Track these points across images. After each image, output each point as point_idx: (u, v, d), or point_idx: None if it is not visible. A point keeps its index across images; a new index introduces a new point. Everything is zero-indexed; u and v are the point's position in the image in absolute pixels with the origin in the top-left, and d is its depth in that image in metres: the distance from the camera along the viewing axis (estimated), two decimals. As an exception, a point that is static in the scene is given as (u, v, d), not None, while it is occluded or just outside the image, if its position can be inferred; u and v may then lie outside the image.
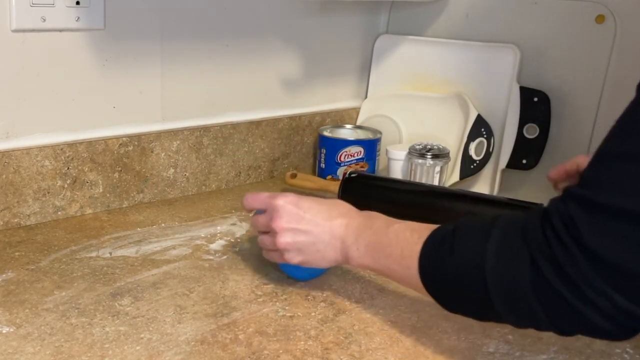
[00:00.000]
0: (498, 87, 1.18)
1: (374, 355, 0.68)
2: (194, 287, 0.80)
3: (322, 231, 0.75)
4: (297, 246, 0.76)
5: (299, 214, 0.76)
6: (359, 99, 1.38)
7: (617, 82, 1.07)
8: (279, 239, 0.76)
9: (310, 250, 0.76)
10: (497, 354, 0.69)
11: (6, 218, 0.93)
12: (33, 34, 0.91)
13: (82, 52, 0.96)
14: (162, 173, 1.08)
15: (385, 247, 0.70)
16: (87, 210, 1.00)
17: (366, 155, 1.21)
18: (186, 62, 1.08)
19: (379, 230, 0.72)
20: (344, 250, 0.74)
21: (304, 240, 0.76)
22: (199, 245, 0.92)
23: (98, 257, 0.86)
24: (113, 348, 0.66)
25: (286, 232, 0.76)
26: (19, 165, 0.92)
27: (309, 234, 0.75)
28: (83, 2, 0.93)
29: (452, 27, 1.26)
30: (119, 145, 1.01)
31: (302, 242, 0.76)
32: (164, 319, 0.72)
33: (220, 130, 1.14)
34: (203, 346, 0.67)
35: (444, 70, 1.25)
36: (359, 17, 1.33)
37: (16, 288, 0.77)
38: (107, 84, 1.00)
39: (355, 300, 0.79)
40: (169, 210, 1.04)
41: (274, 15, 1.19)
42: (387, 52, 1.34)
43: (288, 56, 1.23)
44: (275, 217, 0.76)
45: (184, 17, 1.06)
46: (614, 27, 1.06)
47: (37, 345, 0.66)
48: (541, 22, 1.15)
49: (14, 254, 0.86)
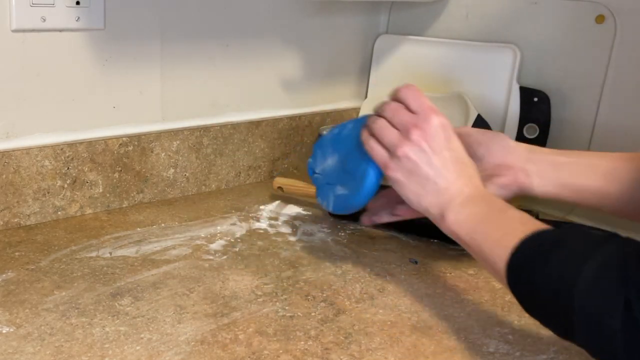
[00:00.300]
0: (498, 87, 1.19)
1: (374, 355, 0.68)
2: (194, 287, 0.80)
3: (443, 176, 0.70)
4: (411, 166, 0.70)
5: (441, 145, 0.70)
6: (359, 99, 1.38)
7: (617, 82, 1.07)
8: (405, 146, 0.70)
9: (417, 180, 0.70)
10: (497, 354, 0.69)
11: (6, 218, 0.93)
12: (33, 34, 0.91)
13: (82, 52, 0.96)
14: (162, 173, 1.08)
15: (487, 226, 0.66)
16: (87, 210, 1.00)
17: (366, 155, 1.21)
18: (186, 62, 1.08)
19: (494, 207, 0.68)
20: (445, 205, 0.69)
21: (424, 167, 0.70)
22: (199, 245, 0.92)
23: (98, 257, 0.86)
24: (113, 348, 0.66)
25: (417, 147, 0.70)
26: (19, 165, 0.92)
27: (431, 168, 0.70)
28: (83, 2, 0.93)
29: (452, 27, 1.27)
30: (119, 145, 1.01)
31: (420, 167, 0.70)
32: (164, 319, 0.72)
33: (220, 130, 1.14)
34: (203, 346, 0.67)
35: (444, 70, 1.25)
36: (359, 17, 1.33)
37: (16, 288, 0.77)
38: (107, 84, 1.00)
39: (355, 300, 0.79)
40: (169, 210, 1.04)
41: (274, 15, 1.19)
42: (387, 52, 1.34)
43: (288, 56, 1.23)
44: (423, 127, 0.70)
45: (184, 17, 1.06)
46: (614, 27, 1.06)
47: (37, 345, 0.66)
48: (541, 22, 1.15)
49: (14, 254, 0.86)
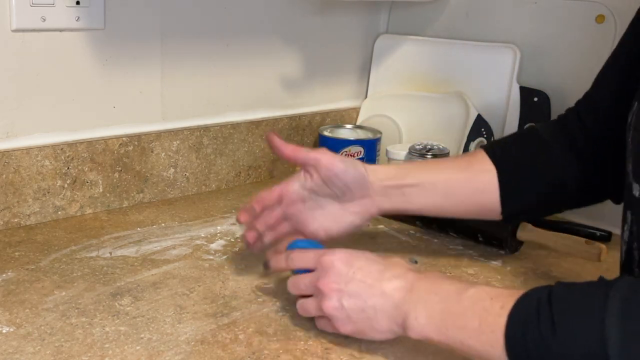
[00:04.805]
0: (498, 87, 1.19)
1: (374, 355, 0.68)
2: (194, 287, 0.80)
3: (371, 294, 0.65)
4: (346, 312, 0.66)
5: (349, 274, 0.66)
6: (359, 99, 1.38)
7: (617, 82, 1.07)
8: (324, 301, 0.66)
9: (360, 318, 0.65)
10: (497, 354, 0.69)
11: (6, 218, 0.93)
12: (33, 34, 0.91)
13: (82, 52, 0.96)
14: (162, 173, 1.08)
15: (458, 317, 0.59)
16: (87, 210, 1.00)
17: (366, 155, 1.21)
18: (186, 62, 1.08)
19: (449, 297, 0.61)
20: (400, 318, 0.63)
21: (352, 304, 0.65)
22: (199, 245, 0.92)
23: (98, 257, 0.86)
24: (113, 348, 0.66)
25: (333, 293, 0.66)
26: (19, 165, 0.92)
27: (357, 298, 0.65)
28: (83, 2, 0.93)
29: (452, 27, 1.27)
30: (119, 145, 1.01)
31: (350, 307, 0.65)
32: (164, 319, 0.72)
33: (220, 130, 1.14)
34: (203, 346, 0.67)
35: (444, 70, 1.25)
36: (359, 17, 1.33)
37: (16, 288, 0.77)
38: (107, 84, 1.00)
39: (355, 300, 0.79)
40: (169, 210, 1.04)
41: (274, 15, 1.19)
42: (387, 52, 1.34)
43: (288, 56, 1.23)
44: (323, 275, 0.67)
45: (184, 17, 1.06)
46: (614, 27, 1.06)
47: (37, 345, 0.66)
48: (541, 22, 1.15)
49: (14, 254, 0.86)
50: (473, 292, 0.60)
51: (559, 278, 0.89)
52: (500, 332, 0.55)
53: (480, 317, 0.57)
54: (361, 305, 0.65)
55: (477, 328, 0.57)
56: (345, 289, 0.65)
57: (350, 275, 0.66)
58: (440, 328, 0.60)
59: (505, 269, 0.90)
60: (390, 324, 0.64)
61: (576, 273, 0.91)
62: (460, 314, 0.59)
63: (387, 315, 0.64)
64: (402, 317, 0.63)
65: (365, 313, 0.65)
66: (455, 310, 0.60)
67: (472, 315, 0.58)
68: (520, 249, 0.96)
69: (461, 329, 0.59)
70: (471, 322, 0.58)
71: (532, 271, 0.90)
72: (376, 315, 0.64)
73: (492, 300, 0.58)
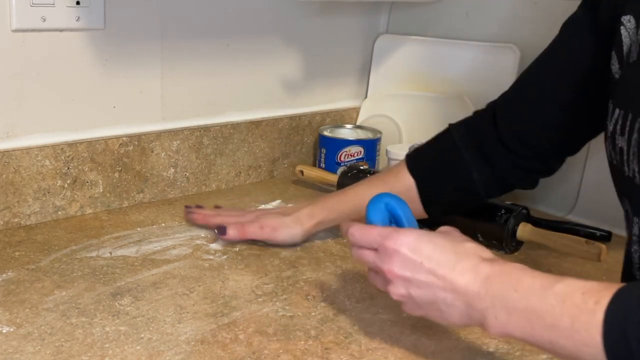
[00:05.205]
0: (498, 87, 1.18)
1: (374, 355, 0.68)
2: (194, 287, 0.80)
3: (442, 287, 0.60)
4: (414, 300, 0.62)
5: (416, 262, 0.61)
6: (359, 99, 1.38)
7: (617, 82, 1.07)
8: (391, 288, 0.63)
9: (431, 308, 0.62)
10: (497, 354, 0.69)
11: (6, 218, 0.93)
12: (33, 34, 0.91)
13: (82, 52, 0.96)
14: (162, 173, 1.08)
15: (544, 315, 0.54)
16: (87, 210, 1.00)
17: (366, 155, 1.21)
18: (186, 62, 1.08)
19: (531, 293, 0.56)
20: (476, 315, 0.59)
21: (421, 295, 0.61)
22: (199, 245, 0.92)
23: (98, 257, 0.86)
24: (113, 348, 0.66)
25: (399, 281, 0.62)
26: (19, 165, 0.92)
27: (426, 289, 0.61)
28: (83, 2, 0.93)
29: (452, 27, 1.26)
30: (119, 145, 1.01)
31: (418, 296, 0.62)
32: (164, 318, 0.72)
33: (220, 130, 1.14)
34: (203, 346, 0.67)
35: (444, 70, 1.25)
36: (359, 17, 1.33)
37: (16, 288, 0.77)
38: (107, 84, 1.00)
39: (355, 300, 0.79)
40: (169, 210, 1.04)
41: (274, 15, 1.19)
42: (387, 52, 1.34)
43: (288, 56, 1.23)
44: (387, 260, 0.63)
45: (184, 17, 1.06)
46: (614, 27, 1.06)
47: (37, 345, 0.66)
48: (541, 22, 1.15)
49: (14, 254, 0.86)
50: (561, 288, 0.55)
51: (559, 278, 0.89)
52: (596, 330, 0.51)
53: (572, 315, 0.53)
54: (431, 297, 0.61)
55: (569, 327, 0.53)
56: (412, 278, 0.62)
57: (418, 264, 0.61)
58: (524, 327, 0.56)
59: (505, 269, 0.90)
60: (463, 319, 0.61)
61: (576, 273, 0.91)
62: (548, 312, 0.54)
63: (459, 312, 0.60)
64: (479, 316, 0.59)
65: (436, 305, 0.61)
66: (541, 308, 0.55)
67: (562, 313, 0.53)
68: (520, 249, 0.96)
69: (550, 328, 0.54)
70: (561, 320, 0.53)
71: (532, 271, 0.90)
72: (448, 310, 0.61)
73: (584, 295, 0.53)
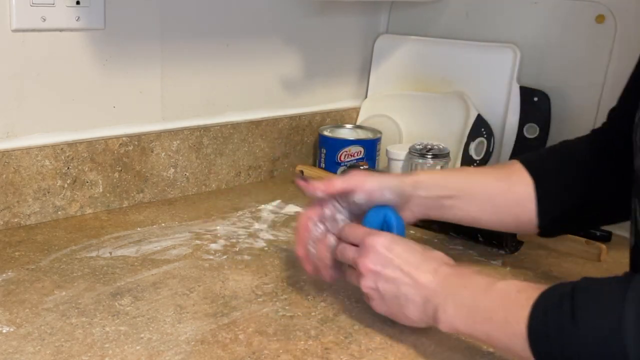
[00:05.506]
0: (498, 87, 1.19)
1: (374, 355, 0.68)
2: (194, 287, 0.80)
3: (405, 283, 0.67)
4: (380, 294, 0.69)
5: (387, 258, 0.68)
6: (359, 99, 1.38)
7: (617, 82, 1.06)
8: (362, 281, 0.69)
9: (393, 303, 0.68)
10: (497, 354, 0.69)
11: (6, 218, 0.93)
12: (33, 34, 0.91)
13: (82, 52, 0.96)
14: (162, 173, 1.08)
15: (484, 310, 0.60)
16: (87, 210, 1.00)
17: (366, 155, 1.21)
18: (186, 62, 1.08)
19: (477, 290, 0.62)
20: (430, 310, 0.65)
21: (387, 288, 0.68)
22: (199, 245, 0.92)
23: (98, 257, 0.86)
24: (113, 348, 0.66)
25: (370, 274, 0.69)
26: (19, 165, 0.92)
27: (392, 283, 0.67)
28: (83, 2, 0.93)
29: (452, 27, 1.26)
30: (119, 145, 1.01)
31: (384, 290, 0.68)
32: (164, 318, 0.72)
33: (220, 130, 1.14)
34: (203, 346, 0.67)
35: (444, 70, 1.25)
36: (359, 17, 1.33)
37: (16, 288, 0.77)
38: (107, 84, 1.00)
39: (355, 300, 0.79)
40: (169, 210, 1.04)
41: (274, 15, 1.19)
42: (387, 52, 1.34)
43: (288, 56, 1.23)
44: (364, 254, 0.69)
45: (184, 17, 1.06)
46: (614, 27, 1.06)
47: (37, 345, 0.66)
48: (541, 22, 1.15)
49: (14, 254, 0.86)
50: (501, 286, 0.61)
51: (559, 278, 0.89)
52: (523, 322, 0.56)
53: (506, 309, 0.58)
54: (395, 291, 0.67)
55: (503, 320, 0.58)
56: (382, 272, 0.68)
57: (389, 260, 0.68)
58: (467, 321, 0.62)
59: (505, 269, 0.90)
60: (420, 315, 0.66)
61: (576, 273, 0.91)
62: (487, 306, 0.60)
63: (417, 307, 0.66)
64: (432, 310, 0.65)
65: (398, 300, 0.67)
66: (483, 303, 0.61)
67: (499, 307, 0.59)
68: (520, 249, 0.96)
69: (488, 321, 0.60)
70: (497, 314, 0.59)
71: (532, 271, 0.90)
72: (407, 304, 0.67)
73: (518, 293, 0.59)
